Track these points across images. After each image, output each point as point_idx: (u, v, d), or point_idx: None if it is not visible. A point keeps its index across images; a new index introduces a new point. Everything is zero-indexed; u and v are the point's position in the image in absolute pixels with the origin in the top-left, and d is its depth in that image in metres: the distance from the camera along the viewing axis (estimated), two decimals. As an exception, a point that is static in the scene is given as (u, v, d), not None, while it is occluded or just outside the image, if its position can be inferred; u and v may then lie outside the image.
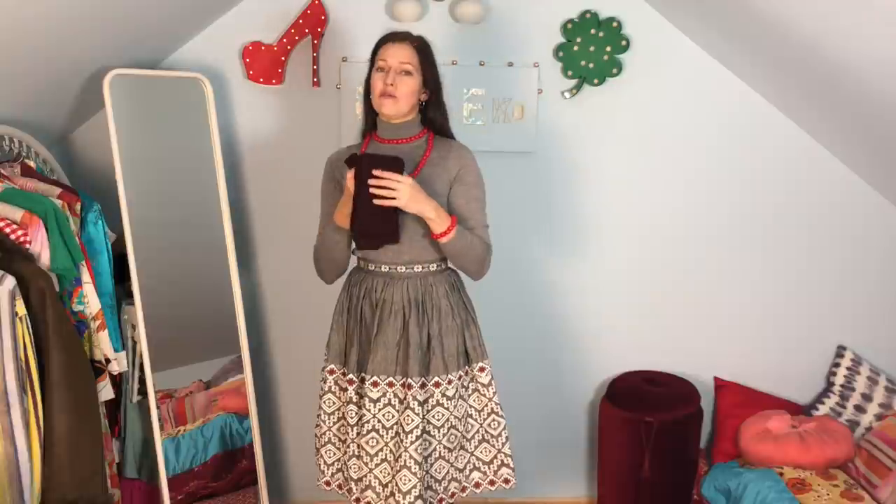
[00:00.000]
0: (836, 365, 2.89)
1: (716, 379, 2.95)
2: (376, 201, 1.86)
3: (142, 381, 2.44)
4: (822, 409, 2.85)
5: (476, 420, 2.13)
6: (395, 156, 1.90)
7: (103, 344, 2.18)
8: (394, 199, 1.86)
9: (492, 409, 2.13)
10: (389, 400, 2.03)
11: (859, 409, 2.79)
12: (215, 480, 2.61)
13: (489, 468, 2.15)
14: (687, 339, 2.94)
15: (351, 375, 2.08)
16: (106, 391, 2.19)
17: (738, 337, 2.94)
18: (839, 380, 2.86)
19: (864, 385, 2.81)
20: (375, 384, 2.02)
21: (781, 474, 2.56)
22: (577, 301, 2.91)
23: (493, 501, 2.94)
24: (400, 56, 1.98)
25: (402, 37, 2.01)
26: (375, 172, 1.85)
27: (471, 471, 2.15)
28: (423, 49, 2.02)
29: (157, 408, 2.43)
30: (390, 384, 2.02)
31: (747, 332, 2.94)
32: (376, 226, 1.92)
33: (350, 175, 1.89)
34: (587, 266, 2.88)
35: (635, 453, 2.66)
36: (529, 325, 2.92)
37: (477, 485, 2.16)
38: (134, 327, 2.40)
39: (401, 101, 1.98)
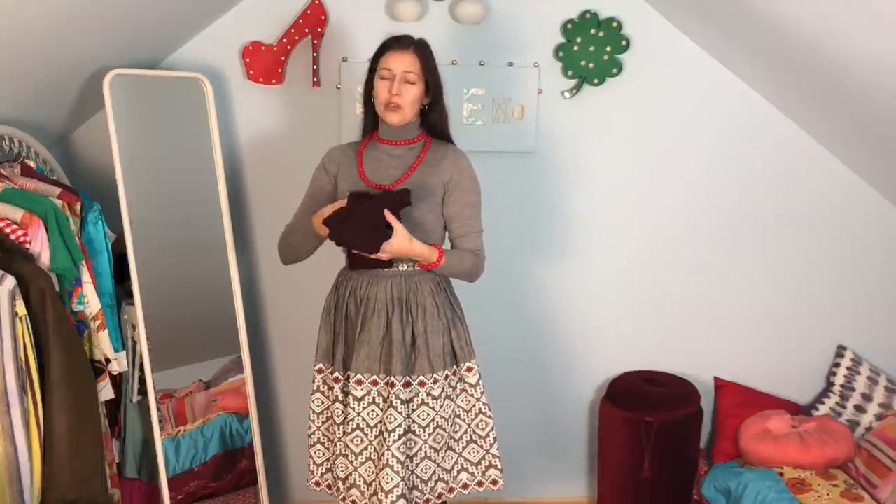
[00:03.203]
0: (836, 365, 2.89)
1: (716, 379, 2.95)
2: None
3: (142, 381, 2.44)
4: (822, 409, 2.85)
5: (464, 421, 2.13)
6: (404, 190, 1.98)
7: (103, 344, 2.18)
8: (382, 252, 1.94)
9: (479, 409, 2.12)
10: (374, 398, 2.04)
11: (859, 409, 2.79)
12: (215, 480, 2.61)
13: (477, 469, 2.15)
14: (687, 339, 2.94)
15: (337, 374, 2.09)
16: (106, 391, 2.19)
17: (738, 337, 2.94)
18: (839, 380, 2.86)
19: (864, 385, 2.81)
20: (359, 382, 2.04)
21: (781, 474, 2.56)
22: (576, 301, 2.91)
23: (492, 501, 2.94)
24: (403, 64, 1.99)
25: (404, 43, 2.02)
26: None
27: (458, 471, 2.15)
28: (424, 54, 2.03)
29: (159, 409, 2.43)
30: (374, 382, 2.04)
31: (747, 332, 2.94)
32: (358, 240, 1.97)
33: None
34: (587, 266, 2.88)
35: (635, 453, 2.66)
36: (529, 325, 2.92)
37: (465, 486, 2.16)
38: (134, 327, 2.40)
39: (405, 109, 2.03)
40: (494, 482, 2.15)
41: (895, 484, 2.41)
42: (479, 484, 2.16)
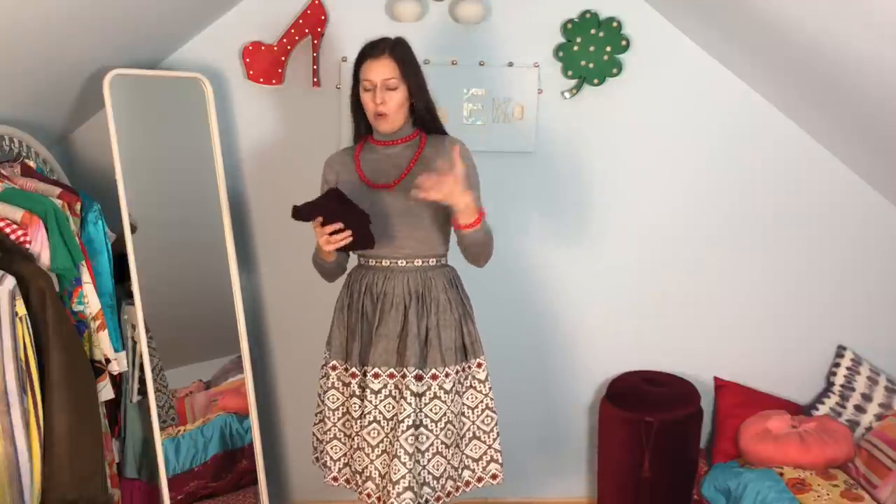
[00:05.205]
0: (836, 365, 2.89)
1: (716, 379, 2.95)
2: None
3: (142, 381, 2.44)
4: (822, 409, 2.85)
5: (469, 418, 2.14)
6: (332, 193, 1.97)
7: (103, 344, 2.19)
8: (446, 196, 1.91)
9: (486, 404, 2.14)
10: (390, 391, 2.06)
11: (859, 409, 2.79)
12: (215, 480, 2.61)
13: (478, 465, 2.15)
14: (687, 339, 2.94)
15: (354, 369, 2.11)
16: (106, 391, 2.19)
17: (738, 337, 2.94)
18: (839, 380, 2.86)
19: (864, 385, 2.81)
20: (376, 376, 2.05)
21: (781, 474, 2.56)
22: (577, 301, 2.91)
23: (493, 501, 2.94)
24: (382, 73, 2.01)
25: (379, 50, 2.03)
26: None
27: (462, 469, 2.16)
28: (401, 56, 2.03)
29: (166, 408, 2.43)
30: (391, 375, 2.06)
31: (747, 332, 2.94)
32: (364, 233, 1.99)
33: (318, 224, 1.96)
34: (587, 266, 2.88)
35: (635, 453, 2.66)
36: (530, 324, 2.92)
37: (467, 483, 2.16)
38: (134, 327, 2.40)
39: (393, 116, 2.05)
40: (494, 476, 2.16)
41: (895, 484, 2.41)
42: (479, 479, 2.16)
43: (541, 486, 3.04)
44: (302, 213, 1.94)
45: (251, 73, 2.65)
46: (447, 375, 2.06)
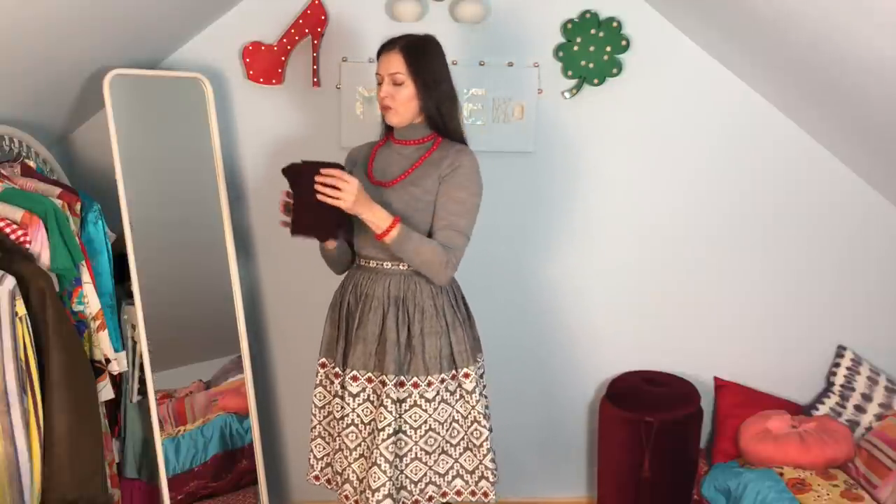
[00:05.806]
0: (836, 365, 2.89)
1: (716, 379, 2.95)
2: (320, 197, 1.86)
3: (142, 381, 2.44)
4: (822, 409, 2.85)
5: (461, 427, 2.10)
6: (336, 162, 1.92)
7: (103, 344, 2.19)
8: (339, 199, 1.85)
9: (475, 417, 2.08)
10: (368, 395, 2.05)
11: (859, 409, 2.79)
12: (215, 480, 2.61)
13: (471, 477, 2.13)
14: (687, 339, 2.94)
15: (337, 369, 2.10)
16: (106, 391, 2.19)
17: (738, 337, 2.94)
18: (839, 380, 2.86)
19: (864, 385, 2.81)
20: (355, 378, 2.04)
21: (781, 474, 2.56)
22: (577, 301, 2.91)
23: (493, 501, 2.94)
24: (389, 67, 2.00)
25: (391, 45, 2.02)
26: (323, 171, 1.86)
27: (454, 477, 2.12)
28: (411, 52, 1.99)
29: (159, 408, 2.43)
30: (369, 379, 2.04)
31: (747, 332, 2.94)
32: (309, 220, 1.94)
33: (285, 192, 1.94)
34: (587, 266, 2.88)
35: (635, 453, 2.66)
36: (530, 324, 2.92)
37: (458, 492, 2.14)
38: (134, 327, 2.40)
39: (399, 110, 2.02)
40: (486, 494, 2.12)
41: (895, 484, 2.41)
42: (472, 494, 2.14)
43: (541, 486, 3.04)
44: (288, 171, 1.91)
45: (251, 73, 2.65)
46: (429, 385, 2.03)
